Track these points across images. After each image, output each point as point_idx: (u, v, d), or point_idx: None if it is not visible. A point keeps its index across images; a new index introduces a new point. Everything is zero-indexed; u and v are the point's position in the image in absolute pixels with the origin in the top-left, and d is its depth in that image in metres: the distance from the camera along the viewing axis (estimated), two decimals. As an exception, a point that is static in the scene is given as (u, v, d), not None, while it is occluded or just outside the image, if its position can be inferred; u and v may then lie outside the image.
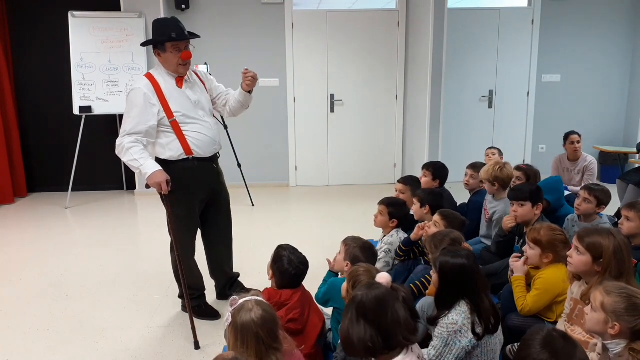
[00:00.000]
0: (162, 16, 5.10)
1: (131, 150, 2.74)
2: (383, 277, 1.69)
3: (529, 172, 3.77)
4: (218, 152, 3.08)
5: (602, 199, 3.00)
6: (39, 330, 3.03)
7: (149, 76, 2.87)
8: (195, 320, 2.86)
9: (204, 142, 2.92)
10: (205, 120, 2.95)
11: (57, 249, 4.46)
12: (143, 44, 3.15)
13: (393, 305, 1.58)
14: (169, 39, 2.78)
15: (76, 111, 5.73)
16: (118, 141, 2.79)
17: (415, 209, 3.21)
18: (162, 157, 2.88)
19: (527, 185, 3.05)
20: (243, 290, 3.30)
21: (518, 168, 3.87)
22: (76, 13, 5.67)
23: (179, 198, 2.87)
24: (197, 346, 2.77)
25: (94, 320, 3.14)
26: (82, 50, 5.70)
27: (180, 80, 2.90)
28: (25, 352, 2.79)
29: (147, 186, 2.84)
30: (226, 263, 3.33)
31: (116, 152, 2.81)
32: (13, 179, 6.02)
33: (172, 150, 2.86)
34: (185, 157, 2.88)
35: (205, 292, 3.23)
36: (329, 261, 2.67)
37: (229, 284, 3.34)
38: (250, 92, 3.06)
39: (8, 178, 5.89)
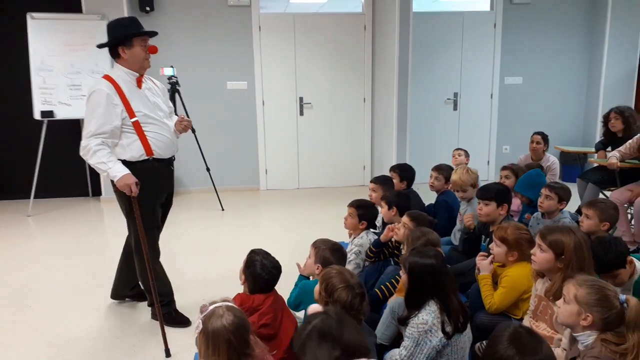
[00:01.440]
0: (126, 19, 5.01)
1: (98, 153, 2.71)
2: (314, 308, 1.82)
3: (516, 169, 3.90)
4: (174, 155, 3.10)
5: (562, 196, 3.13)
6: (1, 343, 2.92)
7: (108, 77, 2.82)
8: (165, 327, 2.81)
9: (165, 143, 2.93)
10: (164, 122, 2.96)
11: (19, 259, 4.31)
12: (108, 42, 2.87)
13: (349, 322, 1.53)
14: (138, 33, 2.78)
15: (37, 116, 5.55)
16: (83, 143, 2.74)
17: (383, 212, 3.25)
18: (122, 157, 2.83)
19: (495, 185, 3.13)
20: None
21: (504, 168, 3.99)
22: (35, 14, 5.50)
23: (142, 200, 2.82)
24: (167, 354, 2.73)
25: (60, 331, 3.05)
26: (42, 53, 5.53)
27: (139, 81, 2.89)
28: (-14, 367, 2.70)
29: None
30: None
31: (81, 154, 2.77)
32: (-30, 186, 5.81)
33: (133, 151, 2.83)
34: (146, 157, 2.86)
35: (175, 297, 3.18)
36: (298, 265, 2.68)
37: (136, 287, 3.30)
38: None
39: (-35, 186, 5.68)
